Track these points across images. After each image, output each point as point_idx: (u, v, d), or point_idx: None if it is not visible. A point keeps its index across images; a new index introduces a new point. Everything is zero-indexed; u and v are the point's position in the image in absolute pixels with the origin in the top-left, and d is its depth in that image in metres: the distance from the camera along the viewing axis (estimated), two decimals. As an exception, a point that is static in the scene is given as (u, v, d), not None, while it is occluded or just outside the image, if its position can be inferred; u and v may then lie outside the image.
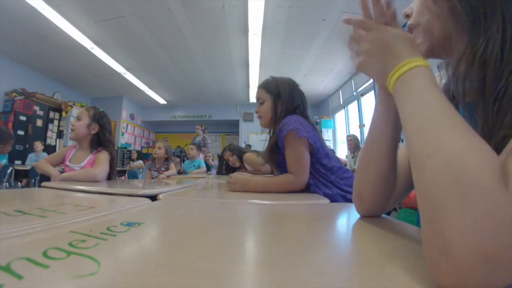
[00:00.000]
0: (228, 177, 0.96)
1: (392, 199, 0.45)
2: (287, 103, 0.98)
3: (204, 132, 4.45)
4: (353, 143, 3.74)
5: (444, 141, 0.22)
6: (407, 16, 0.42)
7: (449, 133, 0.23)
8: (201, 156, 3.69)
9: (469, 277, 0.17)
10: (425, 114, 0.26)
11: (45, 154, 4.04)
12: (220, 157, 2.80)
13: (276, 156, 0.98)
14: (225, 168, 2.54)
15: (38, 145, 4.04)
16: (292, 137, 0.86)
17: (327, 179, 0.90)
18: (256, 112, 1.06)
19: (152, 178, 2.39)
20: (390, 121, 0.40)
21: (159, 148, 2.40)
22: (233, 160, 2.34)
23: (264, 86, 1.04)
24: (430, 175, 0.22)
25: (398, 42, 0.33)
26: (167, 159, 2.44)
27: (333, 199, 0.83)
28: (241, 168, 2.27)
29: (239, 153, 2.32)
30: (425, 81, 0.28)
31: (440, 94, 0.26)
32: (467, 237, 0.18)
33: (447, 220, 0.19)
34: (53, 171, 1.22)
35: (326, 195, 0.84)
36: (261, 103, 1.03)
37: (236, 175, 0.97)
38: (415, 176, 0.24)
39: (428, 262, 0.20)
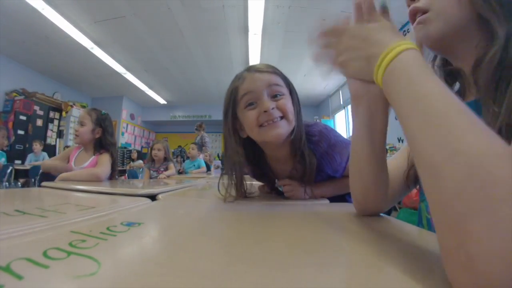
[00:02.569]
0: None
1: (390, 199, 0.46)
2: (297, 104, 0.67)
3: (198, 130, 4.37)
4: None
5: (462, 142, 0.19)
6: None
7: (465, 132, 0.20)
8: (201, 156, 3.69)
9: None
10: (430, 108, 0.22)
11: (44, 154, 4.04)
12: None
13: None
14: None
15: (37, 146, 4.03)
16: (340, 141, 0.67)
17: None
18: (272, 110, 0.58)
19: (151, 178, 2.39)
20: (368, 132, 0.38)
21: (158, 150, 2.40)
22: None
23: (280, 73, 0.65)
24: (450, 184, 0.19)
25: (379, 32, 0.30)
26: (166, 159, 2.44)
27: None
28: None
29: None
30: (419, 67, 0.24)
31: (441, 82, 0.23)
32: (493, 252, 0.16)
33: (472, 233, 0.17)
34: (59, 165, 1.29)
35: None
36: (277, 96, 0.61)
37: (292, 182, 0.70)
38: (428, 183, 0.21)
39: (449, 276, 0.19)
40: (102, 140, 1.33)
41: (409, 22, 0.40)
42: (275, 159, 0.71)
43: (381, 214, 0.47)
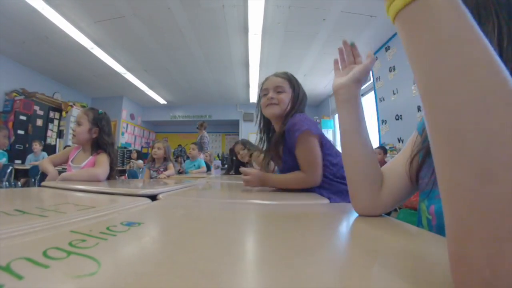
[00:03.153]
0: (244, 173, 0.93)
1: (390, 201, 0.47)
2: (301, 105, 1.00)
3: (199, 130, 4.36)
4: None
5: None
6: None
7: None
8: (202, 156, 3.68)
9: None
10: (468, 54, 0.17)
11: (44, 154, 4.04)
12: (231, 150, 2.84)
13: (279, 150, 0.98)
14: (234, 165, 2.58)
15: (37, 146, 4.03)
16: (306, 137, 0.87)
17: (335, 175, 0.91)
18: (272, 98, 0.98)
19: (151, 178, 2.39)
20: (358, 123, 0.48)
21: (158, 149, 2.41)
22: (243, 154, 2.37)
23: (289, 79, 1.02)
24: (504, 193, 0.15)
25: None
26: (165, 159, 2.45)
27: (341, 196, 0.85)
28: (248, 164, 2.29)
29: (250, 148, 2.35)
30: (459, 13, 0.18)
31: (472, 20, 0.18)
32: None
33: (507, 253, 0.15)
34: (51, 171, 1.25)
35: (335, 192, 0.87)
36: (279, 92, 0.99)
37: (253, 171, 0.94)
38: (446, 173, 0.18)
39: (458, 282, 0.17)
40: (99, 139, 1.33)
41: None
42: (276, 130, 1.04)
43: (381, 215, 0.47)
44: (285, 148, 0.96)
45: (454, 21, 0.18)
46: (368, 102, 4.61)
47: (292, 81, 1.02)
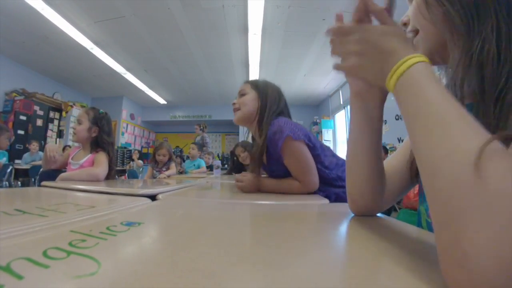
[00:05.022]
0: (238, 176, 0.90)
1: (387, 200, 0.46)
2: (273, 103, 0.92)
3: (203, 131, 4.43)
4: None
5: (459, 141, 0.20)
6: (405, 24, 0.41)
7: (463, 132, 0.21)
8: (211, 158, 3.69)
9: None
10: (432, 113, 0.24)
11: (41, 154, 4.04)
12: (232, 153, 2.86)
13: (262, 159, 0.92)
14: (235, 166, 2.59)
15: (34, 146, 4.04)
16: (290, 143, 0.80)
17: (327, 176, 0.87)
18: (233, 104, 0.97)
19: (154, 177, 2.43)
20: (367, 127, 0.41)
21: (163, 156, 2.48)
22: (244, 156, 2.37)
23: (251, 82, 0.99)
24: (445, 181, 0.20)
25: (389, 38, 0.30)
26: (169, 159, 2.50)
27: (336, 197, 0.83)
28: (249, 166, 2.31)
29: (251, 150, 2.37)
30: (427, 78, 0.26)
31: (445, 91, 0.25)
32: (488, 249, 0.16)
33: (467, 230, 0.17)
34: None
35: (332, 194, 0.84)
36: (242, 95, 0.96)
37: (247, 175, 0.88)
38: (427, 182, 0.22)
39: (443, 273, 0.19)
40: (99, 139, 1.34)
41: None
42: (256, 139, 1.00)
43: (381, 215, 0.47)
44: (271, 159, 0.90)
45: (424, 80, 0.26)
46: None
47: (255, 83, 0.98)
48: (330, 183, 0.87)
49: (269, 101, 0.93)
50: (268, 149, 0.88)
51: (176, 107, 7.60)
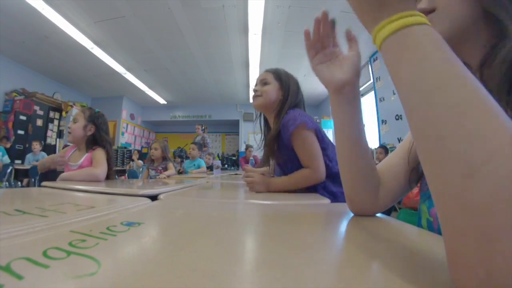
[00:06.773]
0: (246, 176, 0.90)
1: (386, 200, 0.46)
2: (293, 96, 0.97)
3: (204, 132, 4.45)
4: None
5: (496, 140, 0.16)
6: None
7: (494, 125, 0.16)
8: (211, 159, 3.69)
9: None
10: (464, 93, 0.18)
11: (43, 153, 4.05)
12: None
13: (274, 146, 0.94)
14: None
15: (36, 146, 4.05)
16: (302, 131, 0.84)
17: (331, 171, 0.88)
18: (255, 90, 0.99)
19: (150, 177, 2.40)
20: (352, 117, 0.42)
21: (155, 149, 2.43)
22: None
23: (273, 72, 1.01)
24: (485, 190, 0.15)
25: None
26: (164, 159, 2.46)
27: (338, 195, 0.84)
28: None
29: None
30: (436, 41, 0.21)
31: (459, 60, 0.20)
32: None
33: (500, 252, 0.14)
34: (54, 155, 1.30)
35: (332, 192, 0.86)
36: (264, 84, 0.99)
37: (256, 172, 0.90)
38: (446, 178, 0.17)
39: (457, 283, 0.17)
40: (97, 137, 1.32)
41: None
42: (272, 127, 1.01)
43: (381, 215, 0.47)
44: (281, 145, 0.93)
45: (431, 44, 0.21)
46: (368, 102, 4.62)
47: (277, 73, 1.00)
48: (333, 177, 0.89)
49: (291, 94, 0.97)
50: (281, 136, 0.92)
51: (176, 107, 7.61)
